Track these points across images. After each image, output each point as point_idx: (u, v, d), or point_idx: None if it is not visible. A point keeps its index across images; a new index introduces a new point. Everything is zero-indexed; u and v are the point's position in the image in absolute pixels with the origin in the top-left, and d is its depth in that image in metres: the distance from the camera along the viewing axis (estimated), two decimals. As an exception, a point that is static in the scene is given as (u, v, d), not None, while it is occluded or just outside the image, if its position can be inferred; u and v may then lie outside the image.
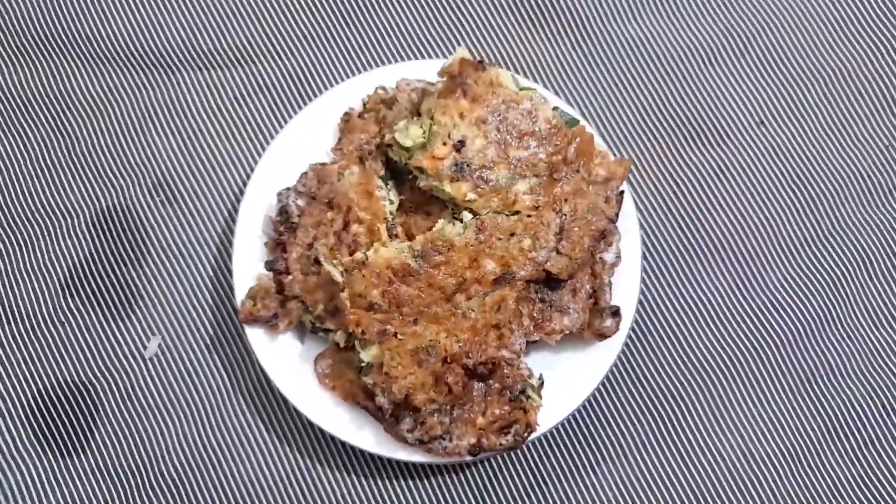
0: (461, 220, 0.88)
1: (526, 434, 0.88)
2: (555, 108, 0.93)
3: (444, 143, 0.89)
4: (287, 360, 0.93)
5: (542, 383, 0.92)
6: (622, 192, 0.94)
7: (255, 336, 0.93)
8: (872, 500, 0.97)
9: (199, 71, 1.10)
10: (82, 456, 0.97)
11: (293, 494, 0.96)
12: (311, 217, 0.92)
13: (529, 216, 0.87)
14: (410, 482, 0.97)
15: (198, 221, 1.04)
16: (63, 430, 0.98)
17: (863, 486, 0.97)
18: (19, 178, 1.06)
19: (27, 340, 1.01)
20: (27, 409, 0.98)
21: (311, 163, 0.94)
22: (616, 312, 0.92)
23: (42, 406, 0.99)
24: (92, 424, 0.98)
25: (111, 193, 1.06)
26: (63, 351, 1.00)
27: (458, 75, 0.90)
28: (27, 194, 1.06)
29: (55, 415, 0.98)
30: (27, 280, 1.03)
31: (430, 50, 1.12)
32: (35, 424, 0.98)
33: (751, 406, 0.99)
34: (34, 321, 1.01)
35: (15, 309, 1.01)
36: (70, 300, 1.02)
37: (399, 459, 0.90)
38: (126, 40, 1.11)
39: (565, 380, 0.93)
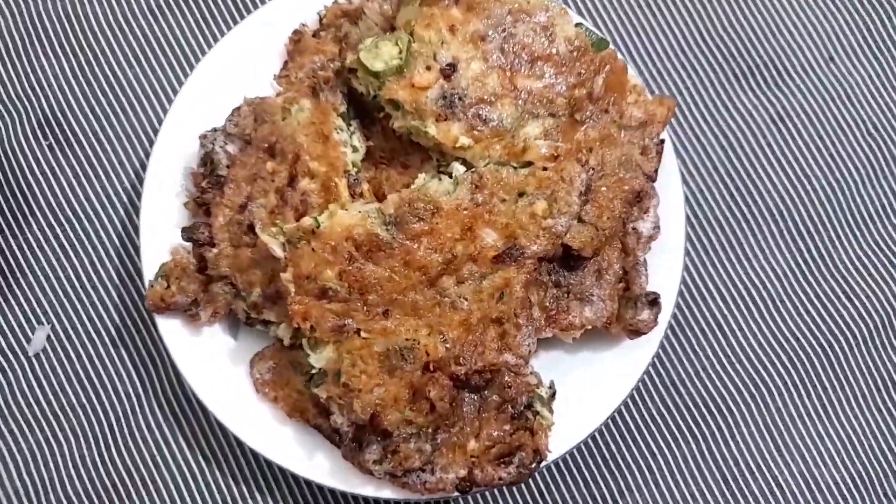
0: (450, 175, 0.68)
1: (533, 464, 0.67)
2: (578, 25, 0.70)
3: (428, 67, 0.69)
4: (213, 362, 0.73)
5: (554, 394, 0.73)
6: (662, 140, 0.73)
7: (170, 329, 0.73)
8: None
9: (106, -24, 0.86)
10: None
11: (225, 532, 0.75)
12: (244, 168, 0.71)
13: (545, 169, 0.67)
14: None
15: (98, 173, 0.83)
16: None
17: (961, 526, 0.78)
18: None
19: None
20: None
21: (247, 96, 0.74)
22: (655, 301, 0.71)
23: None
24: (-40, 441, 0.78)
25: (-17, 135, 0.83)
26: (-83, 345, 0.79)
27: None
28: None
29: None
30: None
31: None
32: None
33: (815, 420, 0.81)
34: None
35: None
36: (-75, 277, 0.79)
37: (362, 496, 0.70)
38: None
39: (584, 389, 0.73)
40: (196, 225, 0.70)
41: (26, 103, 0.83)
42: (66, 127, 0.83)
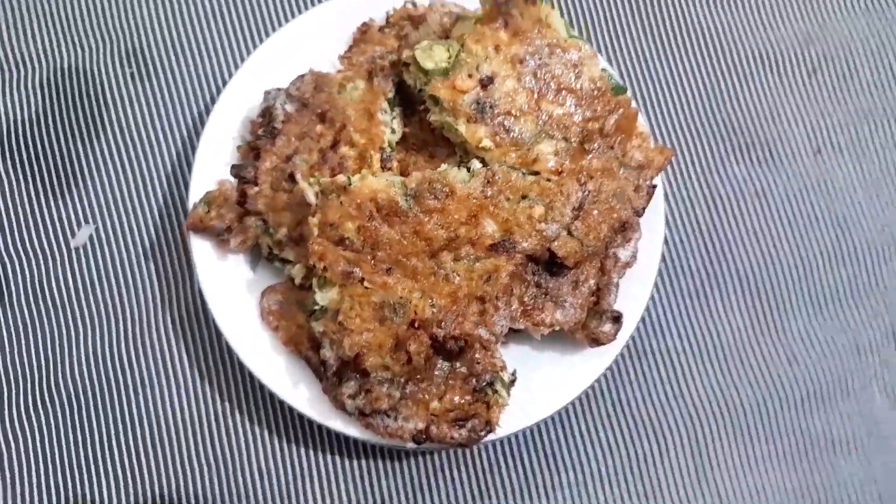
0: (469, 168, 0.76)
1: (483, 432, 0.75)
2: (603, 70, 0.80)
3: (470, 75, 0.77)
4: (230, 285, 0.81)
5: (514, 380, 0.79)
6: (655, 185, 0.82)
7: (201, 249, 0.80)
8: None
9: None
10: (-30, 342, 0.84)
11: (201, 438, 0.83)
12: (296, 126, 0.79)
13: (549, 181, 0.75)
14: (336, 457, 0.84)
15: (168, 104, 0.92)
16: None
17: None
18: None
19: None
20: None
21: (312, 68, 0.83)
22: (618, 318, 0.79)
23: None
24: (-9, 308, 0.85)
25: (76, 53, 0.92)
26: (-23, 216, 0.87)
27: (503, 2, 0.77)
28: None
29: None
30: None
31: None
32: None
33: (738, 464, 0.88)
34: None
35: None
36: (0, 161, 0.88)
37: (331, 428, 0.77)
38: None
39: (540, 383, 0.81)
40: (245, 164, 0.79)
41: (116, 34, 0.92)
42: (148, 60, 0.92)
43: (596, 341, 0.79)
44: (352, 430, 0.77)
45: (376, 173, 0.75)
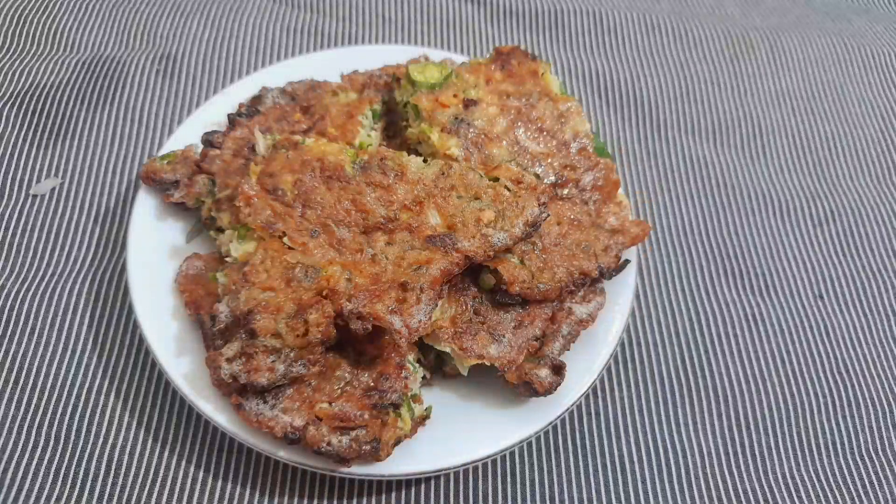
0: (426, 160, 0.73)
1: (367, 446, 0.63)
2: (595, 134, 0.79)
3: (455, 95, 0.78)
4: (158, 243, 0.76)
5: (428, 416, 0.68)
6: (628, 260, 0.76)
7: (143, 203, 0.77)
8: None
9: None
10: None
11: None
12: (279, 111, 0.80)
13: (507, 189, 0.69)
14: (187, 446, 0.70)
15: (184, 94, 0.97)
16: None
17: None
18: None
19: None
20: None
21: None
22: (558, 369, 0.68)
23: None
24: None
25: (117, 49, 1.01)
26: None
27: (505, 54, 0.81)
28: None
29: None
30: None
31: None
32: None
33: None
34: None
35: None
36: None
37: (200, 411, 0.67)
38: None
39: (452, 432, 0.69)
40: (216, 132, 0.79)
41: (148, 44, 1.02)
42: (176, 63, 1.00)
43: (528, 385, 0.67)
44: (220, 418, 0.65)
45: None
